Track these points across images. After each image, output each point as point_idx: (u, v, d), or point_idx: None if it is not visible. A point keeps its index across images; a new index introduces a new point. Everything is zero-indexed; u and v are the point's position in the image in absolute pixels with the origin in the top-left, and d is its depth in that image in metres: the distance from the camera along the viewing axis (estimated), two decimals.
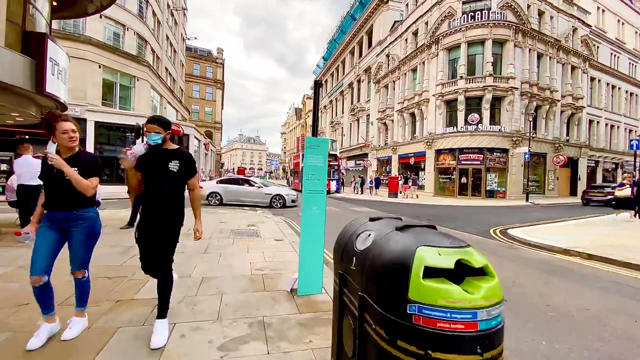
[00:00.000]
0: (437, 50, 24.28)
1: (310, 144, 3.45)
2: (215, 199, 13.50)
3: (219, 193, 13.53)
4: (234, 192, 13.68)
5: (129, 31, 21.51)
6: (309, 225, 3.50)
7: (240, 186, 14.01)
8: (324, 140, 3.55)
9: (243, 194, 13.71)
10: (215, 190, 13.58)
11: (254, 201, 13.65)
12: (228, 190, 13.67)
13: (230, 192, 13.65)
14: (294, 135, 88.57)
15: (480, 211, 14.39)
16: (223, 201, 13.48)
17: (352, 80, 39.87)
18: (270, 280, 3.99)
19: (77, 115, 18.20)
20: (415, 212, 12.81)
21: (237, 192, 13.72)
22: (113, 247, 5.38)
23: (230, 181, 14.50)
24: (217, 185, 13.93)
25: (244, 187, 13.98)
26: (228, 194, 13.59)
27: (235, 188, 13.86)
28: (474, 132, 22.02)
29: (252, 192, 13.77)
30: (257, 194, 13.72)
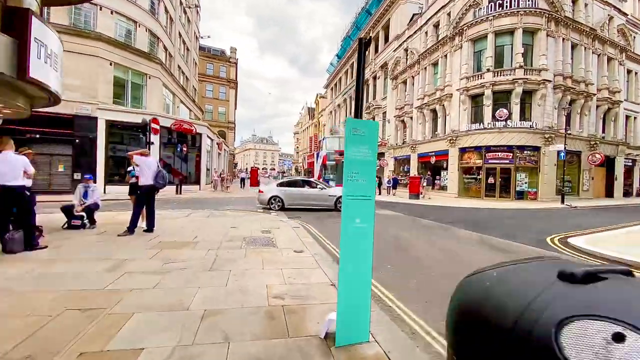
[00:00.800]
0: (461, 42, 22.79)
1: (353, 129, 2.40)
2: (276, 204, 12.57)
3: (280, 197, 12.61)
4: (295, 196, 12.81)
5: (141, 27, 21.02)
6: (351, 245, 2.45)
7: (301, 188, 13.17)
8: (371, 124, 2.49)
9: (305, 197, 12.83)
10: (276, 194, 12.66)
11: (317, 204, 12.76)
12: (289, 193, 12.79)
13: (291, 195, 12.77)
14: (307, 135, 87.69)
15: (516, 215, 12.99)
16: (285, 205, 12.58)
17: (368, 77, 38.53)
18: (294, 316, 2.96)
19: (88, 113, 17.78)
20: (444, 216, 11.58)
21: (299, 195, 12.86)
22: (101, 260, 4.48)
23: (290, 184, 13.54)
24: (278, 189, 12.95)
25: (304, 189, 13.13)
26: (289, 197, 12.71)
27: (297, 191, 13.01)
28: (502, 129, 20.46)
29: (315, 194, 12.89)
30: (321, 196, 12.83)
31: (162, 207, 12.63)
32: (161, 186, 6.65)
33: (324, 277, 4.13)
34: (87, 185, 6.96)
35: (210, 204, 14.53)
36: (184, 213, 10.33)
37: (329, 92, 58.97)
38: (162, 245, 5.53)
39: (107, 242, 5.62)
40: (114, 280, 3.69)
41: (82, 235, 6.10)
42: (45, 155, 17.11)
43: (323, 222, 9.51)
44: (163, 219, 8.68)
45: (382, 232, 8.00)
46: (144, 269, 4.19)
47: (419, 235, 7.74)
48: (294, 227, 8.02)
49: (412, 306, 3.49)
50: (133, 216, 6.36)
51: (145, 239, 5.96)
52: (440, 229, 8.70)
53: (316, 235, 7.34)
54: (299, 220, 9.70)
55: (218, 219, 9.09)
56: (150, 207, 6.68)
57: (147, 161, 6.48)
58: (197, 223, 8.25)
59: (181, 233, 6.77)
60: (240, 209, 12.44)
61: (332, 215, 11.08)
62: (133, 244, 5.54)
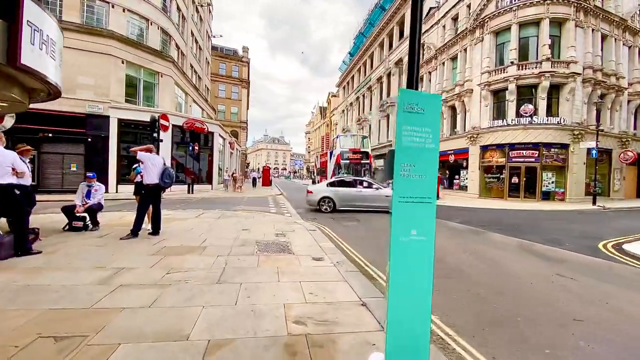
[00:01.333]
0: (482, 35, 21.68)
1: (407, 105, 1.73)
2: (327, 205, 11.73)
3: (331, 198, 11.74)
4: (348, 196, 11.88)
5: (153, 25, 20.81)
6: (404, 266, 1.78)
7: (353, 188, 12.18)
8: (433, 98, 1.81)
9: (360, 198, 11.87)
10: (327, 195, 11.80)
11: (373, 206, 11.76)
12: (341, 194, 11.87)
13: (343, 196, 11.85)
14: (319, 134, 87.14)
15: (549, 217, 11.99)
16: (336, 207, 11.72)
17: (382, 75, 37.61)
18: (321, 352, 2.30)
19: (100, 112, 17.63)
20: (471, 218, 10.72)
21: (353, 196, 11.89)
22: (96, 269, 3.93)
23: (342, 183, 12.52)
24: (329, 189, 12.05)
25: (358, 189, 12.15)
26: (341, 198, 11.81)
27: (349, 191, 12.03)
28: (527, 125, 19.29)
29: (370, 195, 11.88)
30: (377, 197, 11.78)
31: (173, 207, 12.24)
32: (167, 185, 6.12)
33: (350, 292, 3.47)
34: (90, 184, 6.50)
35: (221, 204, 14.07)
36: (194, 213, 9.85)
37: (341, 91, 58.20)
38: (166, 251, 4.98)
39: (107, 247, 5.10)
40: (104, 296, 3.12)
41: (81, 239, 5.62)
42: (58, 154, 17.05)
43: (341, 224, 8.84)
44: (172, 220, 8.21)
45: None
46: (142, 280, 3.62)
47: (451, 241, 6.97)
48: (310, 230, 7.37)
49: (469, 337, 2.79)
50: (137, 218, 5.85)
51: (149, 243, 5.43)
52: (471, 233, 7.89)
53: (335, 239, 6.67)
54: (315, 222, 9.06)
55: (229, 220, 8.54)
56: (156, 207, 6.16)
57: (152, 158, 5.96)
58: (206, 225, 7.72)
59: (189, 236, 6.22)
60: (252, 209, 11.91)
61: (350, 218, 10.39)
62: (134, 249, 5.01)
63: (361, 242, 6.56)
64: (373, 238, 7.10)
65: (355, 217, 10.25)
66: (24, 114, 15.58)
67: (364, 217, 10.34)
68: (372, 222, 9.38)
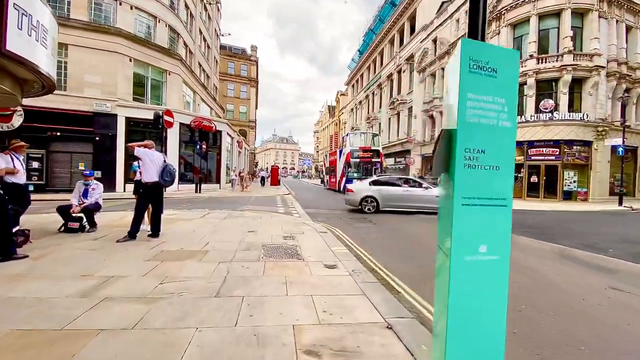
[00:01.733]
0: (499, 28, 20.79)
1: (473, 62, 1.18)
2: (370, 205, 11.03)
3: (374, 198, 11.02)
4: (393, 196, 11.10)
5: (161, 23, 20.58)
6: (469, 296, 1.23)
7: (399, 187, 11.41)
8: (509, 54, 1.25)
9: (406, 198, 11.04)
10: (369, 194, 11.09)
11: (421, 207, 10.93)
12: (385, 193, 11.11)
13: (388, 195, 11.08)
14: (327, 133, 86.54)
15: (575, 218, 11.19)
16: (380, 207, 10.97)
17: (392, 71, 36.84)
18: None
19: (108, 111, 17.46)
20: None
21: (399, 196, 11.10)
22: (82, 278, 3.48)
23: (386, 182, 11.72)
24: (372, 188, 11.29)
25: (405, 188, 11.36)
26: (386, 198, 11.05)
27: (395, 190, 11.26)
28: (547, 122, 18.36)
29: (418, 195, 11.04)
30: (426, 197, 10.93)
31: (179, 206, 11.87)
32: (168, 183, 5.67)
33: (372, 310, 2.93)
34: (87, 183, 6.11)
35: (228, 203, 13.66)
36: (199, 213, 9.44)
37: (350, 89, 57.52)
38: (163, 256, 4.52)
39: (100, 251, 4.67)
40: (83, 313, 2.65)
41: (75, 241, 5.22)
42: (66, 153, 16.94)
43: (354, 226, 8.28)
44: (175, 221, 7.80)
45: (426, 240, 6.67)
46: (131, 291, 3.15)
47: None
48: (320, 232, 6.85)
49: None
50: (134, 219, 5.41)
51: (147, 247, 4.98)
52: None
53: (348, 243, 6.13)
54: (325, 223, 8.53)
55: (235, 221, 8.09)
56: (156, 208, 5.73)
57: (151, 154, 5.52)
58: (211, 226, 7.28)
59: (191, 238, 5.77)
60: (259, 210, 11.45)
61: (362, 219, 9.82)
62: (129, 254, 4.57)
63: (377, 246, 6.00)
64: (390, 241, 6.53)
65: (368, 218, 9.67)
66: (32, 112, 15.54)
67: (378, 218, 9.76)
68: (387, 224, 8.80)
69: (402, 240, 6.65)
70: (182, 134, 20.28)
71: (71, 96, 16.74)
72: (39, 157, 16.26)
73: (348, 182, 21.26)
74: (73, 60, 16.90)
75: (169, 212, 9.41)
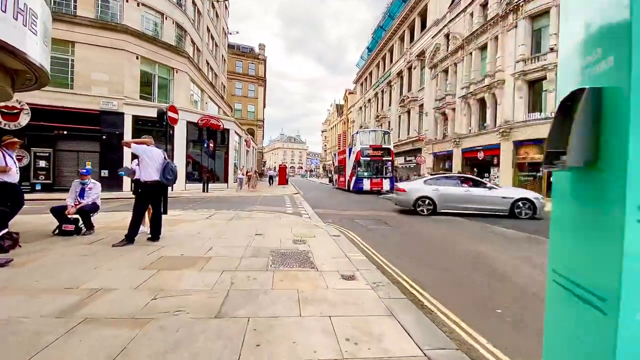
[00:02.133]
0: (516, 20, 19.88)
1: None
2: (425, 206, 10.22)
3: (430, 198, 10.20)
4: (453, 197, 10.21)
5: (168, 20, 20.32)
6: None
7: (459, 187, 10.45)
8: None
9: (467, 199, 10.10)
10: (425, 194, 10.26)
11: (485, 209, 10.02)
12: (444, 194, 10.22)
13: (446, 196, 10.20)
14: (335, 132, 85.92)
15: None
16: (437, 209, 10.16)
17: (402, 68, 36.04)
18: None
19: (115, 109, 17.24)
20: (514, 221, 9.33)
21: (459, 196, 10.18)
22: (66, 291, 3.03)
23: (443, 180, 10.84)
24: (427, 187, 10.45)
25: (465, 188, 10.37)
26: (443, 198, 10.18)
27: (455, 190, 10.33)
28: None
29: (481, 196, 10.07)
30: (490, 198, 9.98)
31: (185, 206, 11.51)
32: (171, 182, 5.23)
33: (405, 338, 2.39)
34: (83, 182, 5.70)
35: (236, 203, 13.25)
36: (205, 214, 9.02)
37: (359, 87, 56.77)
38: (161, 263, 4.06)
39: (93, 257, 4.24)
40: (55, 340, 2.18)
41: (68, 245, 4.80)
42: (73, 152, 16.79)
43: (368, 228, 7.73)
44: (179, 222, 7.38)
45: (451, 245, 6.09)
46: (117, 310, 2.68)
47: (506, 251, 5.74)
48: (333, 235, 6.32)
49: None
50: (132, 221, 4.98)
51: (144, 252, 4.53)
52: (528, 242, 6.59)
53: (364, 248, 5.58)
54: (336, 225, 8.00)
55: (242, 222, 7.63)
56: (156, 209, 5.28)
57: (149, 151, 5.08)
58: (216, 228, 6.82)
59: (193, 242, 5.31)
60: (267, 210, 10.99)
61: (376, 220, 9.26)
62: (124, 260, 4.12)
63: (397, 252, 5.44)
64: (410, 246, 5.96)
65: (383, 220, 9.10)
66: (39, 111, 15.37)
67: (392, 219, 9.19)
68: (403, 226, 8.22)
69: (423, 245, 6.08)
70: (189, 133, 20.00)
71: (78, 94, 16.57)
72: (46, 156, 16.14)
73: (358, 181, 20.73)
74: (80, 58, 16.72)
75: (173, 213, 9.02)
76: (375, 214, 10.64)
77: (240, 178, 21.25)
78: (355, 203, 14.54)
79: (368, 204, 14.34)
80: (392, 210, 11.83)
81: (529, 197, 9.93)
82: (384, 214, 10.49)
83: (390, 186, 21.14)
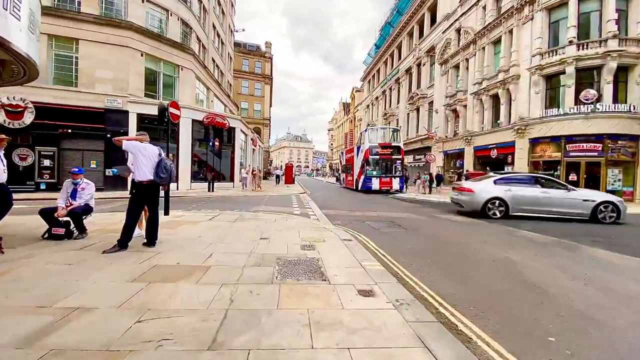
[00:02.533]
0: (532, 13, 19.04)
1: None
2: (497, 209, 9.39)
3: (503, 200, 9.35)
4: (527, 199, 9.33)
5: (173, 17, 19.99)
6: None
7: (535, 188, 9.54)
8: None
9: (545, 202, 9.25)
10: (496, 196, 9.39)
11: (564, 212, 9.23)
12: (517, 195, 9.36)
13: (520, 198, 9.33)
14: (342, 131, 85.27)
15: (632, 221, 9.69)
16: (509, 212, 9.32)
17: (411, 65, 35.25)
18: None
19: (119, 107, 16.98)
20: (537, 223, 8.69)
21: (535, 199, 9.31)
22: (37, 310, 2.57)
23: (517, 181, 9.88)
24: (497, 188, 9.56)
25: (542, 189, 9.47)
26: (517, 201, 9.32)
27: (531, 192, 9.43)
28: (589, 114, 16.59)
29: (560, 198, 9.24)
30: (569, 201, 9.20)
31: (189, 206, 11.12)
32: (164, 181, 4.76)
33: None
34: (75, 182, 5.29)
35: (241, 203, 12.83)
36: (208, 215, 8.60)
37: (366, 85, 56.02)
38: (153, 274, 3.60)
39: (78, 266, 3.81)
40: None
41: (55, 251, 4.39)
42: (77, 150, 16.57)
43: (380, 231, 7.20)
44: (180, 224, 6.96)
45: (475, 251, 5.52)
46: (92, 338, 2.22)
47: (538, 258, 5.15)
48: (344, 239, 5.81)
49: None
50: (126, 225, 4.53)
51: (136, 260, 4.09)
52: (560, 247, 5.98)
53: (380, 255, 5.06)
54: (346, 227, 7.49)
55: (246, 224, 7.17)
56: (153, 211, 4.84)
57: (143, 148, 4.63)
58: (219, 230, 6.38)
59: (193, 248, 4.85)
60: (273, 210, 10.53)
61: (388, 221, 8.71)
62: (113, 270, 3.67)
63: (417, 259, 4.91)
64: (430, 253, 5.41)
65: (396, 222, 8.55)
66: (43, 109, 15.18)
67: (407, 222, 8.64)
68: (418, 229, 7.66)
69: (445, 251, 5.52)
70: (194, 131, 19.69)
71: (82, 92, 16.34)
72: (51, 154, 15.94)
73: (367, 181, 20.15)
74: (84, 55, 16.49)
75: (176, 214, 8.63)
76: (387, 215, 10.09)
77: (245, 177, 20.83)
78: (364, 203, 14.00)
79: (378, 204, 13.79)
80: (405, 211, 11.26)
81: (612, 200, 9.21)
82: (396, 215, 9.94)
83: (400, 186, 20.54)
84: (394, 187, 20.20)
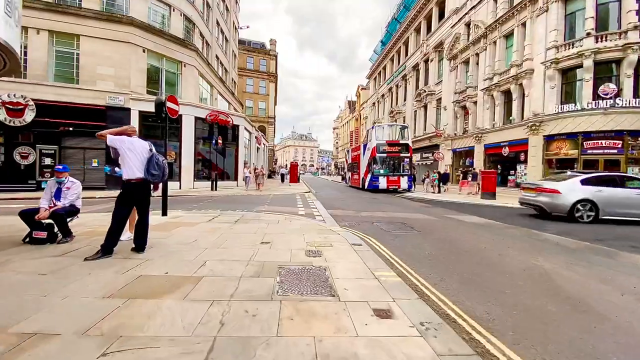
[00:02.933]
0: (547, 4, 18.24)
1: None
2: (586, 212, 8.53)
3: (592, 202, 8.47)
4: (621, 201, 8.47)
5: (175, 12, 19.60)
6: None
7: (629, 189, 8.64)
8: None
9: (638, 204, 8.45)
10: (585, 197, 8.51)
11: None
12: (607, 196, 8.46)
13: (613, 200, 8.45)
14: (347, 129, 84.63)
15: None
16: (599, 215, 8.46)
17: (419, 61, 34.49)
18: None
19: (121, 104, 16.64)
20: (557, 225, 8.08)
21: (629, 201, 8.46)
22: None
23: (607, 181, 8.87)
24: (586, 189, 8.62)
25: (632, 190, 8.63)
26: (609, 203, 8.43)
27: (624, 193, 8.56)
28: (608, 110, 15.81)
29: None
30: None
31: (189, 205, 10.70)
32: (157, 179, 4.30)
33: None
34: (60, 180, 4.85)
35: (244, 202, 12.38)
36: (208, 215, 8.14)
37: (372, 83, 55.28)
38: (136, 287, 3.13)
39: (52, 276, 3.35)
40: None
41: (31, 258, 3.94)
42: (79, 149, 16.28)
43: (392, 235, 6.66)
44: (177, 225, 6.51)
45: (500, 258, 4.95)
46: None
47: (573, 267, 4.58)
48: (353, 244, 5.29)
49: None
50: (111, 229, 4.07)
51: (120, 269, 3.62)
52: (594, 254, 5.37)
53: (394, 263, 4.54)
54: (354, 230, 6.97)
55: (247, 226, 6.69)
56: (143, 213, 4.37)
57: (129, 142, 4.17)
58: (218, 233, 5.90)
59: (186, 254, 4.38)
60: (277, 210, 10.05)
61: (397, 223, 8.16)
62: (90, 282, 3.21)
63: (437, 268, 4.37)
64: (451, 260, 4.85)
65: (408, 224, 8.00)
66: (44, 107, 14.89)
67: (419, 223, 8.08)
68: (435, 232, 7.09)
69: (466, 258, 4.96)
70: (198, 130, 19.30)
71: (84, 89, 16.04)
72: (52, 153, 15.68)
73: (374, 179, 19.56)
74: (85, 52, 16.18)
75: (174, 214, 8.19)
76: (397, 215, 9.54)
77: (247, 176, 20.46)
78: (372, 203, 13.45)
79: (386, 204, 13.23)
80: (415, 211, 10.70)
81: None
82: (406, 216, 9.39)
83: (408, 185, 19.92)
84: (402, 186, 19.58)
